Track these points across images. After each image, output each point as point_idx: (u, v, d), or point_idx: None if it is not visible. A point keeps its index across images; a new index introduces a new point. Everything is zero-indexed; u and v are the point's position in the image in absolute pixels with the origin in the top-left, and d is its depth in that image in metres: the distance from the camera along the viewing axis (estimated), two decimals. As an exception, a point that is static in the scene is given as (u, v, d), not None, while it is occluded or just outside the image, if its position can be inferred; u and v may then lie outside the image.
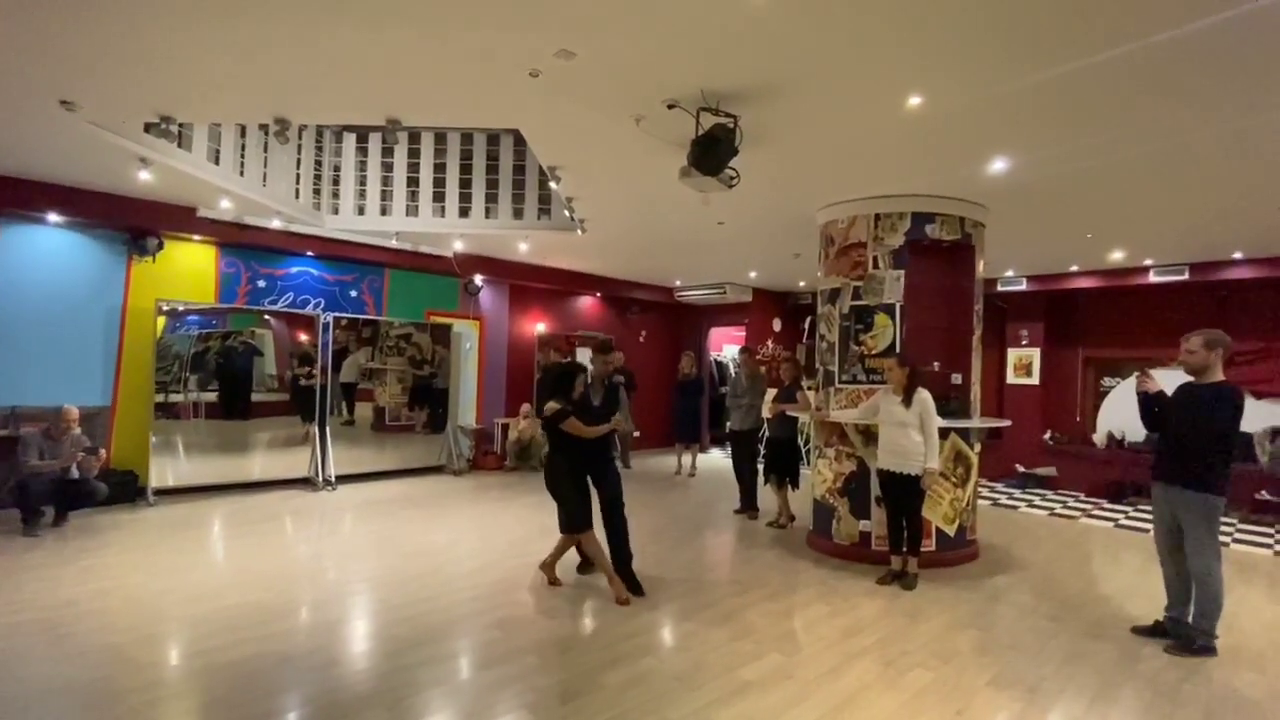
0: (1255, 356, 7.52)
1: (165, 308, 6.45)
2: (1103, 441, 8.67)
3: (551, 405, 3.97)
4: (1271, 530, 6.60)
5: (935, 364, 5.20)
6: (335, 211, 6.59)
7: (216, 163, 5.22)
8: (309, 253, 7.33)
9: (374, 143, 6.38)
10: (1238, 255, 6.90)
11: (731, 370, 10.79)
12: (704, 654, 3.20)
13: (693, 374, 8.86)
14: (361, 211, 6.56)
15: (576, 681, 2.98)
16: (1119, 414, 8.43)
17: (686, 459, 8.88)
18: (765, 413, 6.51)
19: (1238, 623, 3.88)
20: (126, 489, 6.00)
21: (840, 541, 5.16)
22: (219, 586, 4.04)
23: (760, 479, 6.50)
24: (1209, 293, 7.62)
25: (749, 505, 6.51)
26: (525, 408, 8.83)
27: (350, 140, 6.46)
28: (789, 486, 6.10)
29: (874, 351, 5.15)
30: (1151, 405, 3.68)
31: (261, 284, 7.24)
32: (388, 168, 6.44)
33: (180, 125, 4.24)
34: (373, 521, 5.82)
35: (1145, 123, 3.59)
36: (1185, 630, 3.57)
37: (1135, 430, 7.92)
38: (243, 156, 5.51)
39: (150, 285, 6.42)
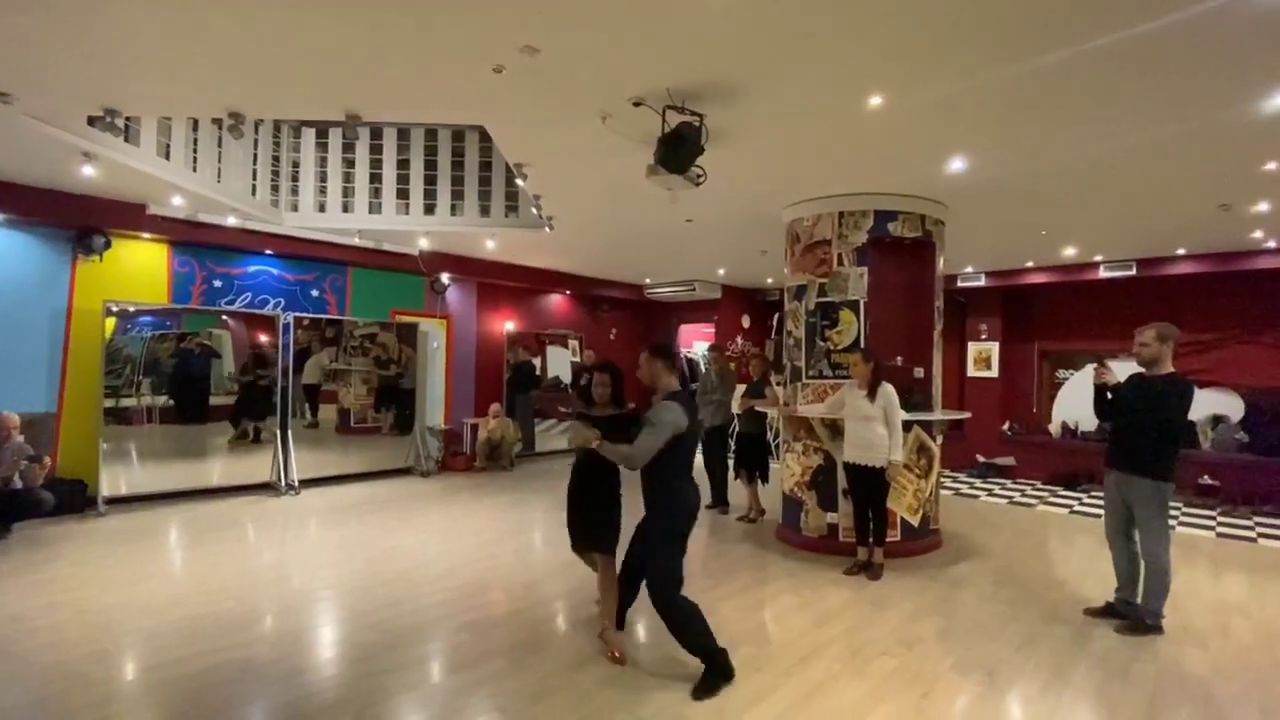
0: (1198, 348, 7.88)
1: (114, 309, 6.19)
2: (1058, 432, 8.99)
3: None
4: (1213, 513, 6.94)
5: (898, 359, 5.32)
6: (294, 209, 6.42)
7: (167, 158, 5.04)
8: (267, 251, 7.13)
9: (334, 138, 6.24)
10: (1181, 251, 7.22)
11: (702, 367, 10.87)
12: (675, 649, 3.21)
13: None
14: (322, 209, 6.41)
15: (548, 681, 2.97)
16: (1073, 405, 8.75)
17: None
18: (735, 409, 6.58)
19: (1182, 602, 4.07)
20: (75, 498, 5.76)
21: (808, 534, 5.25)
22: (176, 597, 3.91)
23: (730, 474, 6.56)
24: (1155, 287, 7.95)
25: (719, 500, 6.57)
26: (495, 407, 8.75)
27: (309, 135, 6.30)
28: (758, 481, 6.18)
29: (839, 347, 5.24)
30: (1106, 396, 3.82)
31: (217, 284, 7.01)
32: (349, 164, 6.30)
33: (126, 118, 4.07)
34: (338, 526, 5.70)
35: (1095, 126, 3.73)
36: (1134, 611, 3.73)
37: (1088, 420, 8.23)
38: (195, 151, 5.32)
39: (98, 285, 6.16)
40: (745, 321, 11.30)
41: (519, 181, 5.10)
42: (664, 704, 2.74)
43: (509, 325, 9.69)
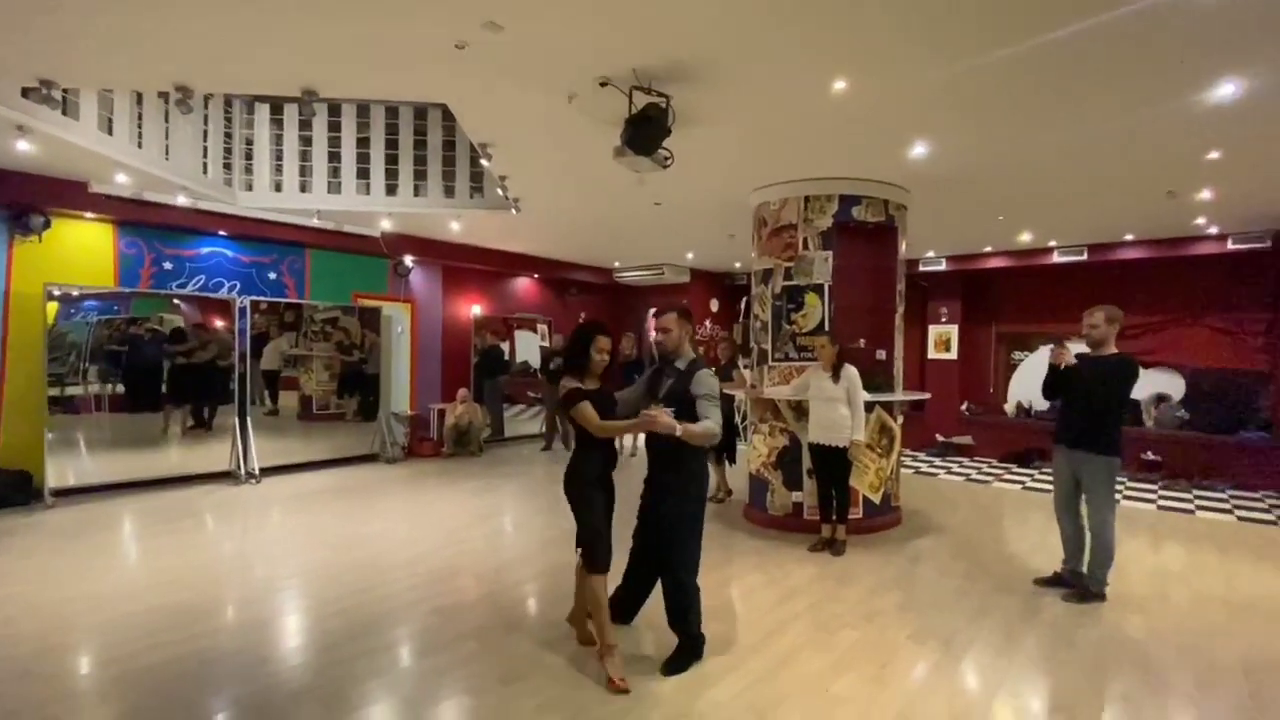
0: (1144, 330, 8.24)
1: (56, 292, 5.90)
2: (1013, 411, 9.31)
3: (567, 384, 2.96)
4: (1155, 487, 7.30)
5: (861, 341, 5.43)
6: (249, 188, 6.18)
7: (110, 133, 4.79)
8: (221, 232, 6.87)
9: (290, 115, 6.01)
10: (1129, 237, 7.50)
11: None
12: (644, 629, 3.26)
13: (633, 355, 8.90)
14: (278, 188, 6.18)
15: (518, 664, 2.99)
16: (1028, 386, 9.06)
17: (629, 440, 8.95)
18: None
19: (1125, 571, 4.29)
20: (19, 490, 5.53)
21: (774, 513, 5.35)
22: (130, 590, 3.80)
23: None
24: (1104, 272, 8.25)
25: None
26: (462, 392, 8.65)
27: (263, 112, 6.06)
28: (726, 462, 6.26)
29: (804, 330, 5.32)
30: (1057, 376, 3.96)
31: (168, 266, 6.74)
32: (306, 142, 6.09)
33: (65, 91, 3.86)
34: (302, 514, 5.59)
35: (1052, 116, 3.84)
36: (1080, 580, 3.92)
37: (1041, 400, 8.55)
38: (140, 127, 5.07)
39: (37, 268, 5.86)
40: (714, 305, 11.37)
41: (484, 162, 5.01)
42: (634, 680, 2.78)
43: (476, 309, 9.56)
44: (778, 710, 2.63)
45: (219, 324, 7.02)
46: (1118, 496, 6.71)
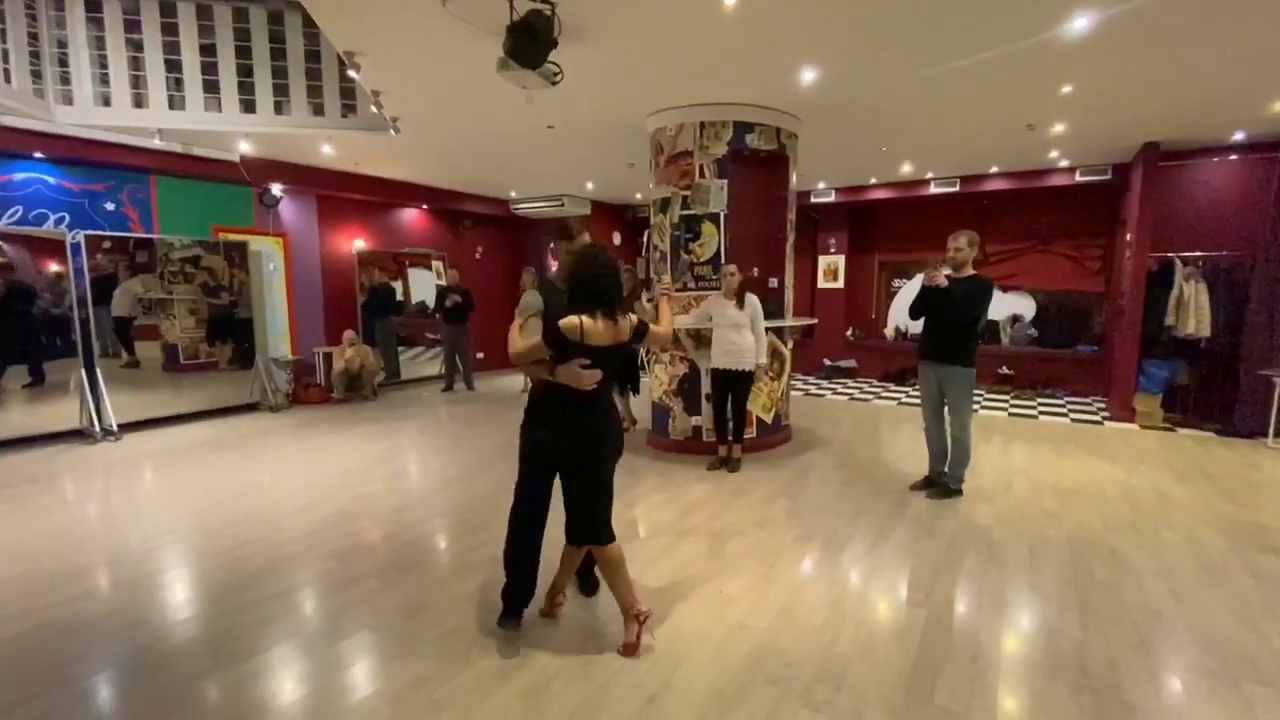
0: (1005, 256, 9.04)
1: None
2: (892, 335, 10.07)
3: (571, 321, 2.37)
4: (1006, 398, 8.23)
5: (755, 269, 5.59)
6: (68, 101, 5.27)
7: None
8: (37, 154, 5.87)
9: (111, 13, 5.11)
10: (995, 169, 8.08)
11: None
12: (549, 552, 3.33)
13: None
14: (107, 102, 5.30)
15: (421, 596, 2.98)
16: (904, 311, 9.77)
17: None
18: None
19: (979, 470, 4.85)
20: None
21: (676, 437, 5.56)
22: (-32, 561, 3.38)
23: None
24: (973, 202, 8.90)
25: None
26: (349, 334, 8.14)
27: (77, 7, 5.10)
28: (630, 393, 6.37)
29: (701, 260, 5.39)
30: (927, 297, 4.26)
31: (-28, 195, 5.71)
32: (136, 47, 5.22)
33: None
34: (174, 470, 5.15)
35: (924, 46, 3.96)
36: (943, 480, 4.40)
37: (917, 324, 9.29)
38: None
39: None
40: (616, 238, 11.23)
41: (352, 74, 4.52)
42: (537, 601, 2.85)
43: (359, 244, 8.90)
44: (674, 613, 2.81)
45: (54, 268, 6.10)
46: (976, 406, 7.54)
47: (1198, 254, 6.56)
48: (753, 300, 4.79)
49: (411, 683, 2.33)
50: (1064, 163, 7.61)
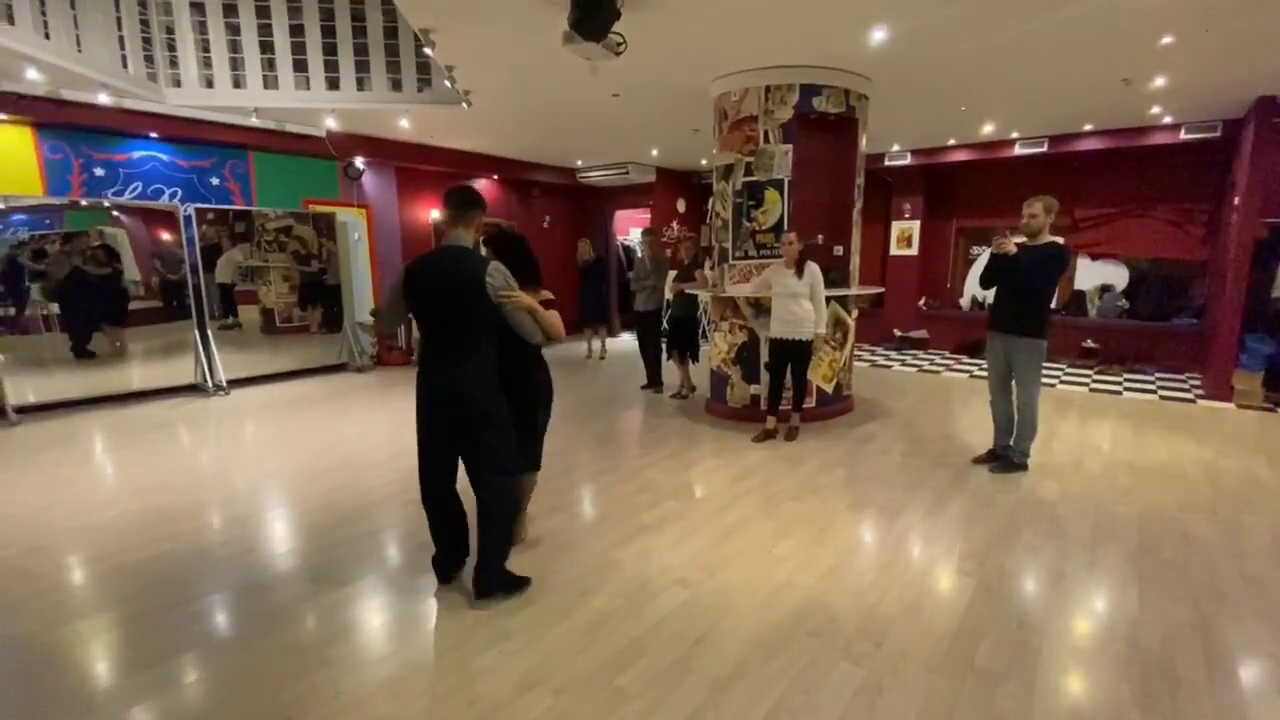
0: (1098, 221, 8.45)
1: (-18, 203, 5.59)
2: (968, 305, 9.65)
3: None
4: (1090, 373, 7.79)
5: (819, 237, 5.51)
6: (177, 84, 5.76)
7: (11, 22, 4.37)
8: (152, 134, 6.46)
9: (212, 1, 5.51)
10: (1088, 128, 7.51)
11: (637, 253, 10.86)
12: (609, 506, 3.54)
13: (591, 259, 8.86)
14: (210, 84, 5.77)
15: (492, 541, 3.24)
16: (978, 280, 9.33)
17: (596, 343, 9.11)
18: (667, 293, 6.73)
19: (1048, 445, 4.70)
20: (-20, 408, 5.49)
21: (733, 404, 5.64)
22: (111, 496, 3.93)
23: (664, 356, 6.84)
24: (1062, 164, 8.32)
25: (654, 381, 6.88)
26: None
27: (182, -4, 5.53)
28: (689, 360, 6.48)
29: (764, 227, 5.36)
30: (998, 265, 4.11)
31: (100, 172, 6.36)
32: (234, 30, 5.62)
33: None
34: (275, 423, 5.70)
35: (1005, 1, 3.75)
36: (1008, 454, 4.30)
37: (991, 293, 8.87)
38: (44, 14, 4.62)
39: (-44, 176, 5.51)
40: (681, 206, 11.20)
41: (427, 50, 4.72)
42: (599, 548, 3.05)
43: (435, 214, 9.30)
44: (725, 569, 2.95)
45: (166, 237, 6.75)
46: (1052, 381, 7.19)
47: (1320, 218, 5.95)
48: (812, 269, 4.75)
49: (483, 615, 2.59)
50: (1167, 119, 6.99)
